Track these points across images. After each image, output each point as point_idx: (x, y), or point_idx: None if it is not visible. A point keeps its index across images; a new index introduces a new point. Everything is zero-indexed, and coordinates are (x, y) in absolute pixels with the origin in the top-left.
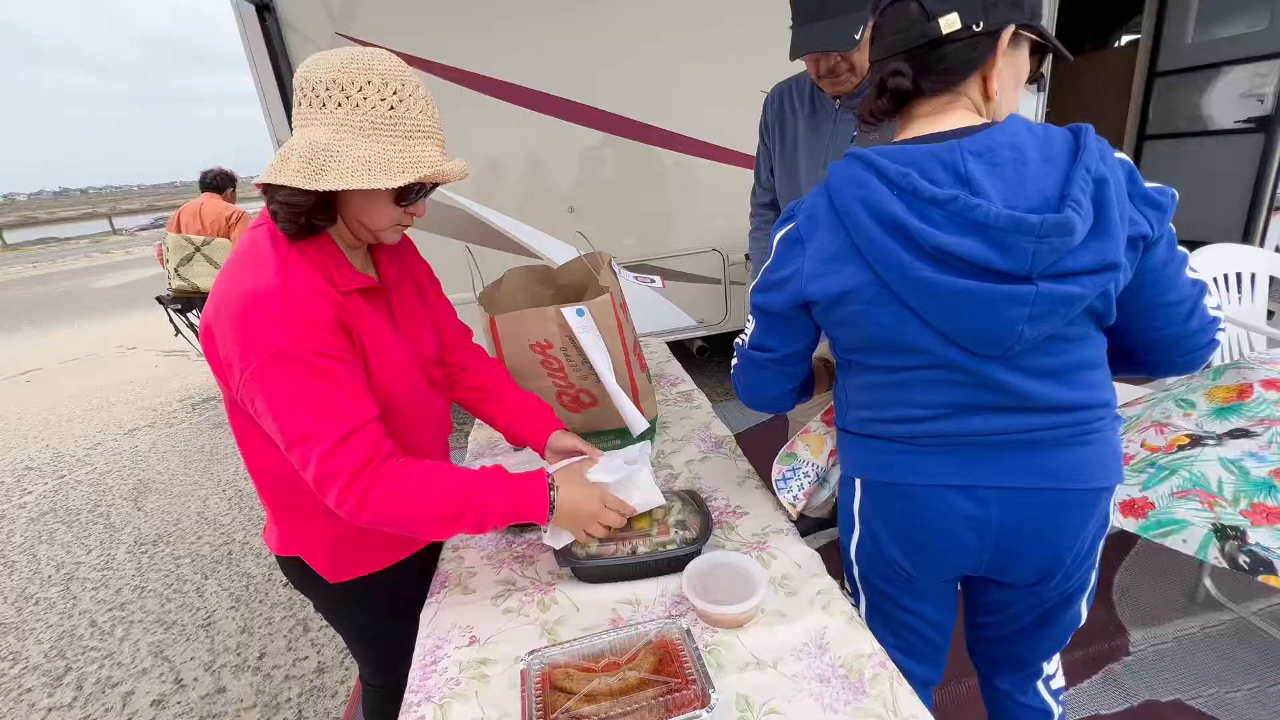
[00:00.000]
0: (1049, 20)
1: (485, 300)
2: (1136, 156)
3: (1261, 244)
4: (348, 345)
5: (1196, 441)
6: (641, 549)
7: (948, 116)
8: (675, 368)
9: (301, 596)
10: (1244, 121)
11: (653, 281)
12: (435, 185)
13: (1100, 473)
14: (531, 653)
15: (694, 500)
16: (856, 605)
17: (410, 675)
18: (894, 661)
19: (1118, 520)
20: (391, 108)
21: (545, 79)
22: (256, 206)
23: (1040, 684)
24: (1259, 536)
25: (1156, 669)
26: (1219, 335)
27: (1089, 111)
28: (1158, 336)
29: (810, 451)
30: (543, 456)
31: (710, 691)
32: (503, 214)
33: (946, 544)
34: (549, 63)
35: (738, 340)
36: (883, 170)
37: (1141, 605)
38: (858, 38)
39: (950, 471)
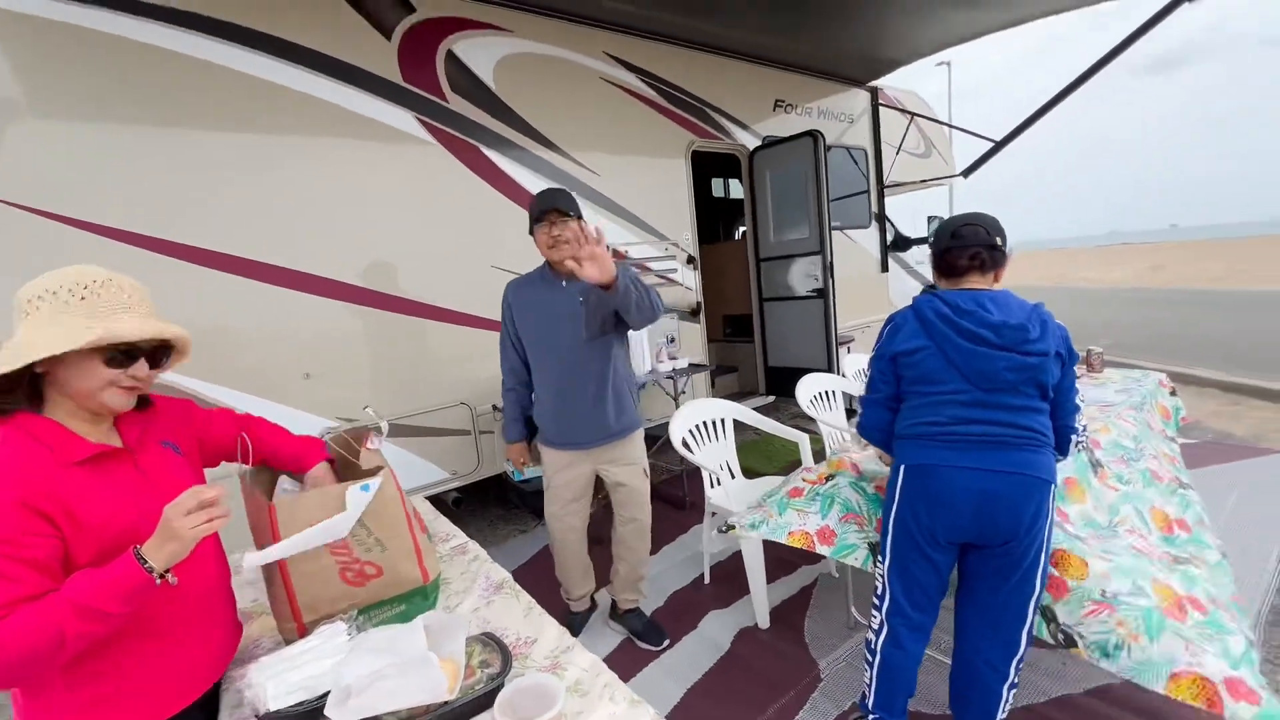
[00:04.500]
0: (691, 222)
1: (256, 485)
2: (761, 313)
3: (838, 371)
4: (33, 527)
5: (831, 478)
6: (451, 698)
7: (981, 282)
8: (445, 524)
9: None
10: (811, 291)
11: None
12: (144, 352)
13: (1045, 470)
14: None
15: (491, 640)
16: (881, 564)
17: None
18: (898, 612)
19: (818, 547)
20: (82, 298)
21: (256, 246)
22: None
23: (1014, 663)
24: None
25: (841, 683)
26: (1075, 435)
27: (728, 281)
28: (1059, 424)
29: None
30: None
31: None
32: (230, 389)
33: (954, 505)
34: (256, 229)
35: (859, 397)
36: (945, 299)
37: (821, 640)
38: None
39: (958, 458)
